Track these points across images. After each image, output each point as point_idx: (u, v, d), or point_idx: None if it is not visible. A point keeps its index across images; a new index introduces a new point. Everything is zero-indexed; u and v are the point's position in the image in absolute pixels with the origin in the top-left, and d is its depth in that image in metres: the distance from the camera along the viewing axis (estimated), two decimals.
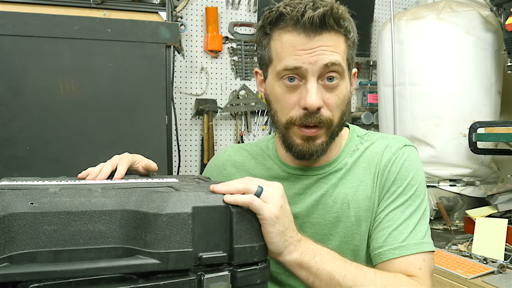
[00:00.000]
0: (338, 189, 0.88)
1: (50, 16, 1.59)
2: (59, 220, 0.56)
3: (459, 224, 2.00)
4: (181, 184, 0.72)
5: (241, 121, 2.54)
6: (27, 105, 1.58)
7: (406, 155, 0.87)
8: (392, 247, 0.80)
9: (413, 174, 0.86)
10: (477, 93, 1.99)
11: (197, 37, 2.45)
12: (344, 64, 0.80)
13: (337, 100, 0.81)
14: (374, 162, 0.88)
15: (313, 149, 0.83)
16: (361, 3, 2.58)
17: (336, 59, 0.78)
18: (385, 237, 0.82)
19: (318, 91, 0.78)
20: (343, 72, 0.80)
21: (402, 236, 0.81)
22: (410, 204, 0.84)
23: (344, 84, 0.82)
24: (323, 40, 0.77)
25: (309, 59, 0.77)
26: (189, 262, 0.58)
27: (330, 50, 0.78)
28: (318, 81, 0.79)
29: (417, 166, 0.88)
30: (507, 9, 1.77)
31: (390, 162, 0.87)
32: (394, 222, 0.83)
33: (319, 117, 0.80)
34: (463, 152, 1.98)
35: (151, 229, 0.57)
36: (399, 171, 0.86)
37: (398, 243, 0.80)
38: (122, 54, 1.66)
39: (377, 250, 0.82)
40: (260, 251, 0.65)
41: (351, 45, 0.83)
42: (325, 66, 0.77)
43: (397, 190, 0.85)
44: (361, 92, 2.76)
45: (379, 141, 0.91)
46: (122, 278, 0.56)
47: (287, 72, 0.79)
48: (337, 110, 0.82)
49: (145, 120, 1.70)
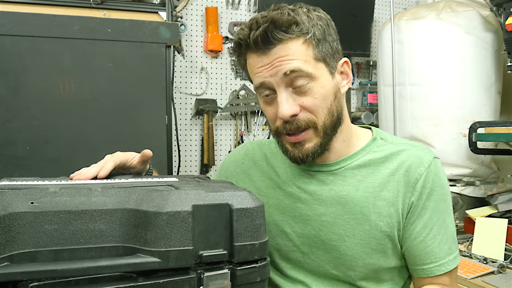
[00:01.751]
0: (360, 191, 0.88)
1: (50, 16, 1.59)
2: (60, 219, 0.56)
3: (459, 224, 1.99)
4: (181, 183, 0.73)
5: (241, 121, 2.54)
6: (27, 105, 1.58)
7: (437, 168, 0.89)
8: (437, 264, 0.87)
9: (445, 187, 0.89)
10: (477, 93, 1.99)
11: (197, 37, 2.45)
12: (309, 67, 0.80)
13: (314, 101, 0.81)
14: (400, 171, 0.87)
15: (304, 153, 0.84)
16: (361, 3, 2.58)
17: (294, 66, 0.79)
18: (430, 254, 0.87)
19: (288, 100, 0.81)
20: (311, 75, 0.81)
21: (443, 252, 0.88)
22: (445, 217, 0.89)
23: (319, 84, 0.82)
24: (276, 52, 0.79)
25: (269, 72, 0.81)
26: (189, 260, 0.58)
27: (287, 59, 0.79)
28: (289, 89, 0.81)
29: (445, 177, 0.91)
30: (507, 9, 1.77)
31: (422, 176, 0.86)
32: (435, 238, 0.87)
33: (297, 123, 0.82)
34: (463, 152, 1.98)
35: (151, 228, 0.57)
36: (434, 187, 0.87)
37: (442, 261, 0.87)
38: (122, 54, 1.66)
39: (421, 266, 0.88)
40: (260, 248, 0.65)
41: (317, 42, 0.81)
42: (284, 75, 0.80)
43: (433, 205, 0.87)
44: (361, 92, 2.76)
45: (407, 150, 0.90)
46: (122, 276, 0.56)
47: (260, 90, 0.84)
48: (319, 110, 0.82)
49: (145, 120, 1.70)
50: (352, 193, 0.87)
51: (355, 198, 0.87)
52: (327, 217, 0.88)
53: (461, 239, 1.78)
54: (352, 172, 0.89)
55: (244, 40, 0.81)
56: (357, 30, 2.60)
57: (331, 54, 0.84)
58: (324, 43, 0.83)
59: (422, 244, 0.87)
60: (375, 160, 0.89)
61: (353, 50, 2.61)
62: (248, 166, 1.02)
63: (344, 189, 0.88)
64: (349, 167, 0.90)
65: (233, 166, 1.06)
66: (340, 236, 0.87)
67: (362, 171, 0.89)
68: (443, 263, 0.87)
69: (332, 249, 0.88)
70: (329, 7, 0.91)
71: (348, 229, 0.87)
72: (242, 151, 1.06)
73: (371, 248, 0.86)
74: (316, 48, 0.81)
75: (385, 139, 0.93)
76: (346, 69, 0.88)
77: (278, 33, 0.78)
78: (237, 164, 1.05)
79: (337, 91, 0.85)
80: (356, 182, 0.88)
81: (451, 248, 0.88)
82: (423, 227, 0.86)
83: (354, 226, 0.87)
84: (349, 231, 0.87)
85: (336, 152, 0.90)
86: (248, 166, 1.02)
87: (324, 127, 0.83)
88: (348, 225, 0.87)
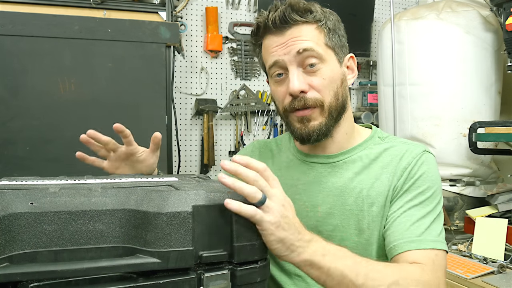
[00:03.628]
0: (354, 183, 0.91)
1: (50, 16, 1.59)
2: (59, 219, 0.56)
3: (459, 224, 2.00)
4: (181, 183, 0.73)
5: (241, 121, 2.54)
6: (27, 105, 1.57)
7: (426, 160, 0.91)
8: (408, 240, 0.82)
9: (432, 178, 0.89)
10: (477, 93, 1.99)
11: (197, 37, 2.45)
12: (320, 49, 0.87)
13: (322, 81, 0.87)
14: (392, 163, 0.91)
15: (310, 129, 0.89)
16: (361, 3, 2.58)
17: (307, 45, 0.86)
18: (402, 230, 0.84)
19: (299, 77, 0.87)
20: (321, 56, 0.87)
21: (419, 231, 0.83)
22: (427, 204, 0.87)
23: (328, 67, 0.88)
24: (291, 33, 0.87)
25: (283, 51, 0.87)
26: (189, 261, 0.58)
27: (300, 39, 0.86)
28: (300, 69, 0.88)
29: (435, 171, 0.91)
30: (507, 9, 1.77)
31: (411, 165, 0.89)
32: (411, 218, 0.85)
33: (304, 100, 0.87)
34: (463, 152, 1.98)
35: (151, 228, 0.57)
36: (419, 174, 0.89)
37: (414, 237, 0.82)
38: (122, 54, 1.66)
39: (393, 243, 0.83)
40: (260, 249, 0.65)
41: (329, 31, 0.89)
42: (297, 53, 0.86)
43: (415, 190, 0.88)
44: (361, 92, 2.76)
45: (400, 145, 0.94)
46: (122, 277, 0.56)
47: (273, 70, 0.90)
48: (326, 91, 0.88)
49: (145, 120, 1.70)
50: (347, 185, 0.91)
51: (350, 189, 0.91)
52: (324, 207, 0.92)
53: (461, 239, 1.78)
54: (348, 165, 0.94)
55: (263, 22, 0.89)
56: (357, 30, 2.60)
57: (340, 46, 0.91)
58: (335, 34, 0.90)
59: (396, 221, 0.86)
60: (370, 156, 0.93)
61: (353, 50, 2.60)
62: (254, 155, 1.08)
63: (340, 180, 0.92)
64: (347, 160, 0.94)
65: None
66: (336, 227, 0.91)
67: (357, 164, 0.93)
68: (415, 239, 0.81)
69: (328, 239, 0.89)
70: (329, 7, 0.93)
71: (343, 219, 0.91)
72: (249, 147, 1.13)
73: (365, 239, 0.89)
74: (327, 36, 0.89)
75: (382, 138, 0.97)
76: (352, 64, 0.96)
77: (294, 15, 0.86)
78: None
79: (343, 79, 0.92)
80: (351, 175, 0.92)
81: (430, 232, 0.83)
82: (401, 207, 0.87)
83: (349, 216, 0.90)
84: (345, 221, 0.91)
85: (338, 143, 0.95)
86: (254, 155, 1.08)
87: (329, 108, 0.88)
88: (344, 215, 0.91)
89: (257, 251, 0.64)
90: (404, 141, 0.97)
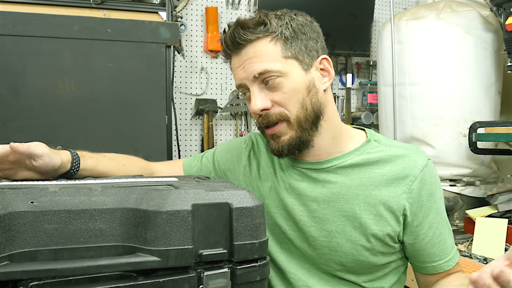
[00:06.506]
0: (351, 189, 0.89)
1: (50, 16, 1.59)
2: (59, 218, 0.56)
3: (459, 224, 1.99)
4: (181, 182, 0.73)
5: (241, 121, 2.54)
6: (27, 105, 1.58)
7: (431, 169, 0.92)
8: (446, 259, 0.93)
9: (440, 185, 0.94)
10: (477, 93, 1.99)
11: (197, 37, 2.45)
12: (277, 65, 0.84)
13: (283, 95, 0.86)
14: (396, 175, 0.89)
15: (280, 145, 0.88)
16: (361, 3, 2.58)
17: (262, 68, 0.84)
18: (439, 251, 0.92)
19: (260, 95, 0.86)
20: (279, 71, 0.84)
21: (449, 247, 0.94)
22: (443, 214, 0.94)
23: (289, 79, 0.85)
24: (246, 53, 0.86)
25: (242, 74, 0.87)
26: (189, 259, 0.58)
27: (255, 61, 0.85)
28: (262, 85, 0.86)
29: (438, 176, 0.95)
30: (507, 9, 1.77)
31: (418, 178, 0.89)
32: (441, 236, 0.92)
33: (267, 117, 0.87)
34: (463, 152, 1.98)
35: (151, 227, 0.57)
36: (430, 187, 0.90)
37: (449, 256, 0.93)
38: (122, 54, 1.66)
39: (431, 264, 0.93)
40: (260, 247, 0.65)
41: (285, 40, 0.85)
42: (254, 77, 0.85)
43: (433, 206, 0.91)
44: (361, 92, 2.76)
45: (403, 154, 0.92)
46: (122, 275, 0.56)
47: (240, 90, 0.91)
48: (290, 104, 0.86)
49: (145, 120, 1.70)
50: (344, 191, 0.90)
51: (347, 195, 0.89)
52: (319, 213, 0.91)
53: (461, 239, 1.78)
54: (344, 170, 0.91)
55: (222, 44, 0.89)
56: (357, 30, 2.60)
57: (304, 51, 0.87)
58: (295, 41, 0.86)
59: (430, 243, 0.91)
60: (369, 161, 0.91)
61: (353, 50, 2.61)
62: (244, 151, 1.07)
63: (336, 186, 0.90)
64: (341, 166, 0.91)
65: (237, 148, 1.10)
66: (331, 233, 0.90)
67: (355, 169, 0.91)
68: (450, 257, 0.93)
69: (323, 245, 0.90)
70: (329, 7, 0.93)
71: (339, 225, 0.89)
72: (243, 138, 1.12)
73: (361, 245, 0.88)
74: (284, 46, 0.85)
75: (378, 141, 0.95)
76: (326, 66, 0.91)
77: (245, 33, 0.84)
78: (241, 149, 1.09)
79: (311, 87, 0.88)
80: (348, 181, 0.90)
81: (452, 242, 0.95)
82: (429, 227, 0.90)
83: (344, 222, 0.89)
84: (340, 227, 0.89)
85: (325, 149, 0.92)
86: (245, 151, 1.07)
87: (297, 120, 0.86)
88: (339, 221, 0.89)
89: (257, 249, 0.64)
90: (404, 146, 0.95)
